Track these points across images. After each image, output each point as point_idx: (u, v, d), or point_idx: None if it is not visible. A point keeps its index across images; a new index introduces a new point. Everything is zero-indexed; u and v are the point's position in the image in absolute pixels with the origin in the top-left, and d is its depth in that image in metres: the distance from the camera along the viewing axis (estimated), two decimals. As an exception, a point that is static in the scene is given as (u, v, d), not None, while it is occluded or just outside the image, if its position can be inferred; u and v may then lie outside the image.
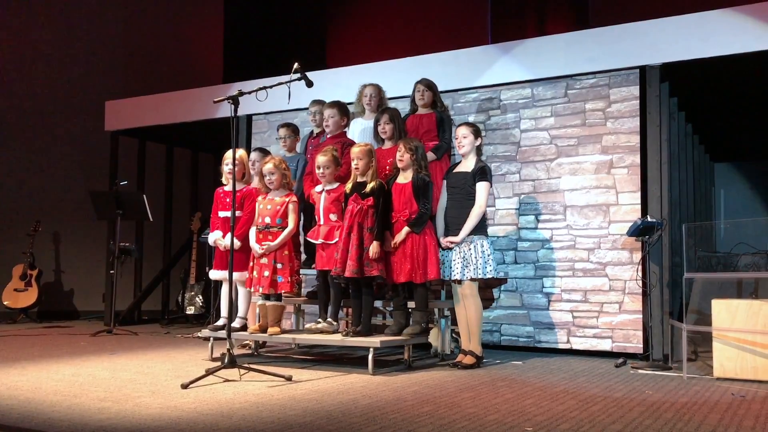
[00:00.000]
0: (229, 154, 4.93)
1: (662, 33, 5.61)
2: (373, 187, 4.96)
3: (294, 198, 5.18)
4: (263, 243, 5.05)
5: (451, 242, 4.95)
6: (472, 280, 4.93)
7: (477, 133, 5.14)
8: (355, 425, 3.14)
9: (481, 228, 5.00)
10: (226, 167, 5.24)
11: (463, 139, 5.10)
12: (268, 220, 5.10)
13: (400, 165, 5.04)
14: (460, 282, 4.97)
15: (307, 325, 5.21)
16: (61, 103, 9.50)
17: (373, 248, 4.86)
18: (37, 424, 3.15)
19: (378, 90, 5.76)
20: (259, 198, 5.23)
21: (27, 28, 9.32)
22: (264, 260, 5.02)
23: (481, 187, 4.98)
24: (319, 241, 5.11)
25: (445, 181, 5.19)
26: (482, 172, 5.01)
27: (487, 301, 5.51)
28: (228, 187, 5.32)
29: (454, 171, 5.16)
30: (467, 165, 5.10)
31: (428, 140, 5.49)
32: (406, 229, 4.91)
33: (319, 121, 5.94)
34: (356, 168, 5.01)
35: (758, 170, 9.34)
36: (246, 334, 5.25)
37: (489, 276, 4.93)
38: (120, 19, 10.10)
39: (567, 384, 4.34)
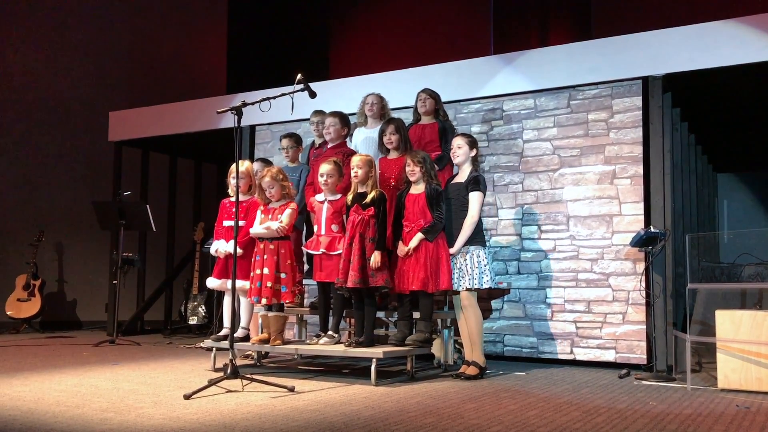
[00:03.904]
0: (234, 167, 4.95)
1: (664, 44, 5.63)
2: (374, 197, 4.96)
3: (294, 205, 5.18)
4: (266, 249, 5.05)
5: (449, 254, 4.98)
6: (468, 290, 4.94)
7: (472, 143, 5.16)
8: (358, 436, 3.13)
9: (477, 238, 5.01)
10: (233, 180, 5.24)
11: (457, 150, 5.12)
12: (272, 229, 5.09)
13: (412, 179, 5.05)
14: (457, 293, 4.98)
15: (309, 341, 5.21)
16: (64, 113, 9.54)
17: (375, 258, 4.86)
18: (40, 434, 3.15)
19: (380, 98, 5.78)
20: (261, 208, 5.22)
21: (31, 39, 9.37)
22: (266, 271, 5.01)
23: (474, 197, 4.98)
24: (321, 251, 5.11)
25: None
26: (475, 182, 5.02)
27: (486, 311, 5.51)
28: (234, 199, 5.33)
29: (452, 182, 5.18)
30: (462, 176, 5.12)
31: (431, 150, 5.49)
32: (419, 235, 4.91)
33: (320, 131, 5.96)
34: (356, 176, 5.02)
35: (761, 180, 9.33)
36: (248, 344, 5.25)
37: (485, 287, 4.94)
38: (124, 30, 10.16)
39: (570, 395, 4.32)
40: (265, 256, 5.04)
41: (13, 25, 9.25)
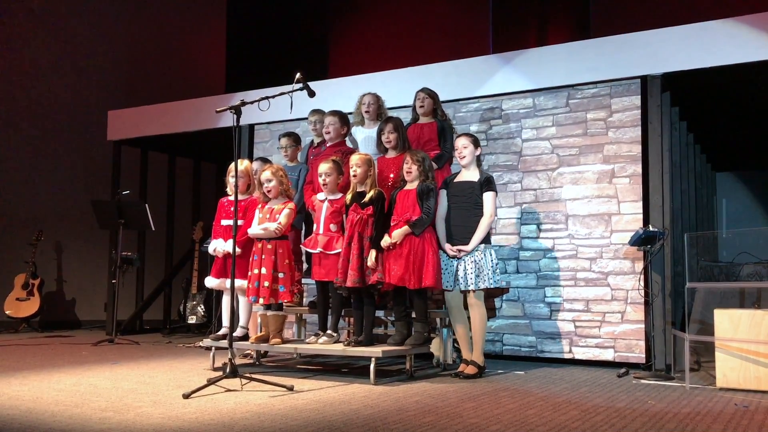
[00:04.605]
0: (233, 166, 4.94)
1: (663, 43, 5.63)
2: (372, 197, 4.96)
3: (291, 205, 5.17)
4: (263, 249, 5.05)
5: (461, 251, 4.97)
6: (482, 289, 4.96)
7: (476, 143, 5.17)
8: (357, 435, 3.14)
9: (487, 237, 5.04)
10: (231, 179, 5.23)
11: (463, 150, 5.12)
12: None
13: (407, 177, 5.05)
14: (470, 292, 4.97)
15: (308, 340, 5.21)
16: (63, 112, 9.53)
17: (371, 257, 4.85)
18: (39, 434, 3.15)
19: (376, 98, 5.78)
20: (259, 206, 5.22)
21: (29, 39, 9.36)
22: (264, 270, 5.01)
23: (489, 197, 5.02)
24: (318, 250, 5.10)
25: (444, 191, 5.19)
26: (489, 182, 5.07)
27: (491, 311, 5.51)
28: (233, 197, 5.33)
29: (456, 181, 5.17)
30: (470, 175, 5.12)
31: (429, 150, 5.49)
32: (405, 228, 4.90)
33: (319, 130, 5.96)
34: (354, 175, 5.02)
35: (760, 179, 9.34)
36: (247, 343, 5.25)
37: (497, 285, 4.99)
38: (123, 29, 10.15)
39: (569, 394, 4.33)
40: (263, 256, 5.03)
41: (12, 24, 9.23)
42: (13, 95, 9.18)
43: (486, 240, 5.04)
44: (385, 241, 4.93)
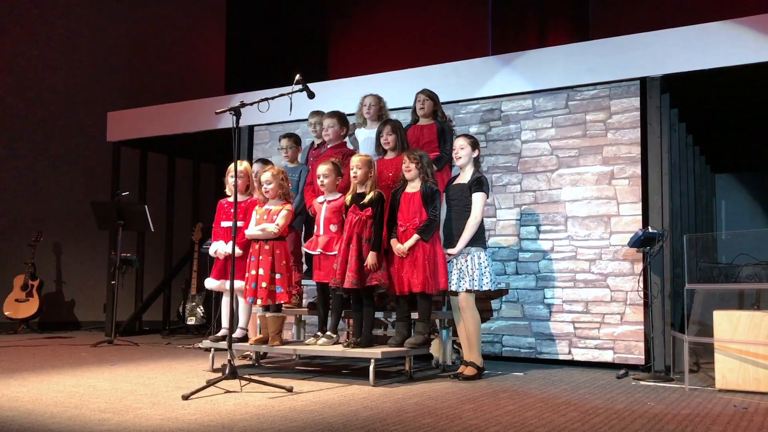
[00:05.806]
0: (233, 166, 4.95)
1: (663, 45, 5.63)
2: (372, 198, 4.96)
3: (289, 206, 5.17)
4: (261, 250, 5.05)
5: (449, 254, 4.96)
6: (467, 292, 4.93)
7: (475, 144, 5.15)
8: (356, 437, 3.13)
9: (479, 239, 5.00)
10: (231, 179, 5.23)
11: (460, 150, 5.11)
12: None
13: (407, 176, 5.04)
14: (456, 294, 4.97)
15: (307, 341, 5.21)
16: (62, 113, 9.53)
17: (371, 259, 4.85)
18: (38, 435, 3.15)
19: (377, 99, 5.78)
20: (256, 207, 5.23)
21: (29, 39, 9.36)
22: (261, 271, 5.01)
23: (477, 198, 4.98)
24: (318, 251, 5.10)
25: (444, 194, 5.19)
26: (478, 183, 5.01)
27: (486, 312, 5.50)
28: (232, 199, 5.33)
29: (453, 183, 5.17)
30: (465, 177, 5.11)
31: (429, 151, 5.48)
32: (415, 236, 4.90)
33: (319, 131, 5.96)
34: (355, 177, 5.02)
35: (759, 181, 9.34)
36: (247, 345, 5.24)
37: (485, 288, 4.93)
38: (122, 30, 10.16)
39: (569, 395, 4.33)
40: (261, 257, 5.03)
41: (12, 24, 9.23)
42: (13, 96, 9.18)
43: (478, 242, 4.98)
44: (398, 249, 4.93)
